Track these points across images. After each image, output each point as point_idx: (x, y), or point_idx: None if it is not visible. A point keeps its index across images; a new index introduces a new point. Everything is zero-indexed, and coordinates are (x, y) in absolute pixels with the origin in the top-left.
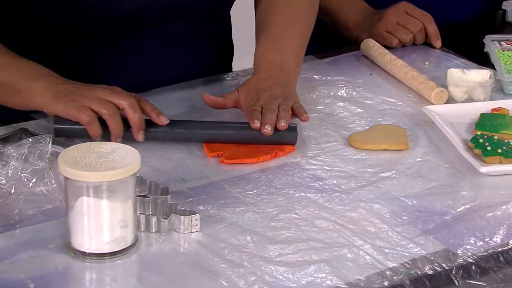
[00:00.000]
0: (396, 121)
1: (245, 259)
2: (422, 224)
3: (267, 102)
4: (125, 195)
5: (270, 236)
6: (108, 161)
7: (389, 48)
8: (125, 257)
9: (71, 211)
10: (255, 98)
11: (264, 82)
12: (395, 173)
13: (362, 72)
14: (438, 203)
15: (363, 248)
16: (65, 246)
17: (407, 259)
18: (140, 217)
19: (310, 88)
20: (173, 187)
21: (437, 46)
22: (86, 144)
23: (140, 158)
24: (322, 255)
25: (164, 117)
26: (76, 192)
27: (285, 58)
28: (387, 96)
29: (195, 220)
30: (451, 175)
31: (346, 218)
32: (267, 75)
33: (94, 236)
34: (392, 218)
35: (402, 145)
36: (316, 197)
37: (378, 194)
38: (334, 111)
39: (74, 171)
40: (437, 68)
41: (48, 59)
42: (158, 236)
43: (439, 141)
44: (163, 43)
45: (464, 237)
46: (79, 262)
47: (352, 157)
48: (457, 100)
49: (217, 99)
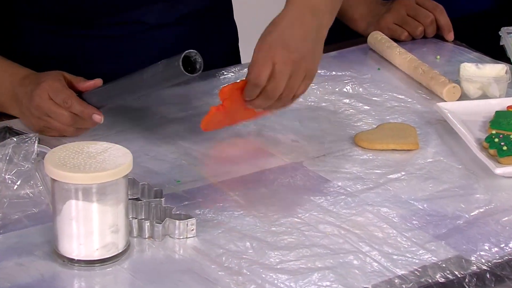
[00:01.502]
0: (405, 119)
1: (244, 266)
2: (433, 229)
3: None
4: (116, 198)
5: (271, 242)
6: (98, 161)
7: (398, 41)
8: (116, 264)
9: (58, 215)
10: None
11: (295, 31)
12: (404, 175)
13: (369, 66)
14: (451, 207)
15: (370, 255)
16: (52, 253)
17: (417, 266)
18: (133, 222)
19: (314, 84)
20: (168, 190)
21: (449, 39)
22: (74, 143)
23: (132, 159)
24: (327, 262)
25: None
26: (64, 195)
27: (319, 3)
28: (395, 92)
29: (191, 225)
30: (464, 176)
31: (352, 222)
32: (299, 18)
33: (83, 242)
34: (401, 222)
35: (411, 145)
36: (320, 200)
37: (386, 197)
38: (339, 109)
39: (62, 172)
40: (449, 62)
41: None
42: (152, 242)
43: (452, 141)
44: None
45: (478, 243)
46: (67, 269)
47: (358, 158)
48: (471, 97)
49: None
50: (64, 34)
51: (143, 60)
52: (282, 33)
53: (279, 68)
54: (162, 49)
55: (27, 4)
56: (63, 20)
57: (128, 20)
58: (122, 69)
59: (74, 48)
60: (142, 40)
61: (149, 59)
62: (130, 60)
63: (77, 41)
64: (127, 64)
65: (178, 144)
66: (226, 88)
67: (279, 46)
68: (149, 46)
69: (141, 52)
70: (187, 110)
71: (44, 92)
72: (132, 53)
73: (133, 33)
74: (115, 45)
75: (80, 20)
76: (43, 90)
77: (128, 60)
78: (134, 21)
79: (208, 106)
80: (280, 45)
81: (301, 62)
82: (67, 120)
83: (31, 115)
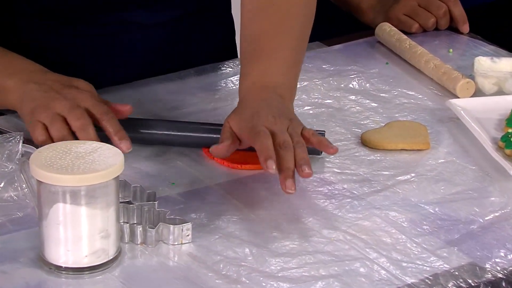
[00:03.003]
0: (415, 117)
1: (243, 274)
2: (445, 235)
3: (272, 124)
4: (106, 201)
5: (271, 248)
6: (87, 162)
7: (408, 33)
8: (107, 271)
9: (45, 219)
10: (256, 120)
11: (256, 105)
12: (414, 176)
13: (377, 61)
14: (464, 211)
15: (378, 262)
16: (38, 260)
17: (428, 274)
18: (124, 227)
19: (317, 79)
20: (161, 192)
21: (463, 31)
22: (62, 143)
23: (123, 159)
24: (331, 270)
25: (126, 144)
26: (51, 198)
27: (277, 79)
28: (405, 88)
29: (187, 230)
30: (479, 178)
31: (359, 227)
32: (258, 98)
33: (71, 248)
34: (410, 227)
35: (422, 145)
36: (324, 204)
37: (395, 200)
38: (344, 106)
39: (48, 174)
40: (463, 56)
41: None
42: (144, 248)
43: (465, 140)
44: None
45: (493, 249)
46: (54, 277)
47: (365, 158)
48: (486, 93)
49: (226, 145)
50: (59, 32)
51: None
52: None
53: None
54: (156, 46)
55: (24, 2)
56: (58, 17)
57: (124, 18)
58: (116, 67)
59: (67, 46)
60: (136, 38)
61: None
62: (126, 58)
63: (71, 39)
64: (123, 62)
65: None
66: None
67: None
68: (143, 43)
69: (135, 49)
70: (182, 107)
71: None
72: (128, 51)
73: (129, 31)
74: (110, 43)
75: (74, 18)
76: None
77: (124, 58)
78: (130, 19)
79: (204, 103)
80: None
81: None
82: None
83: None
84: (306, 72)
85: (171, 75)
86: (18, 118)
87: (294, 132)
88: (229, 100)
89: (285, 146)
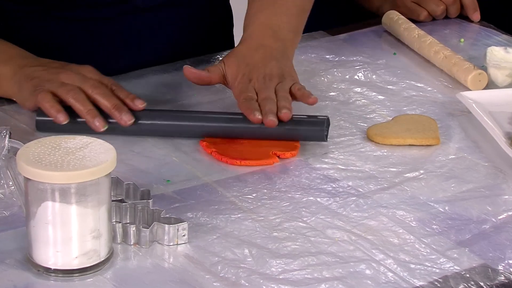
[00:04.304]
0: (424, 111)
1: (242, 276)
2: (455, 235)
3: (262, 86)
4: (98, 199)
5: (272, 249)
6: (78, 158)
7: (416, 22)
8: (98, 274)
9: (32, 219)
10: (246, 78)
11: (256, 53)
12: (423, 173)
13: (384, 51)
14: (475, 210)
15: (385, 264)
16: (26, 261)
17: (437, 276)
18: (116, 226)
19: (321, 70)
20: (156, 190)
21: (474, 19)
22: (50, 138)
23: (115, 155)
24: (335, 272)
25: (139, 100)
26: (39, 196)
27: (280, 21)
28: (413, 80)
29: (182, 230)
30: (491, 175)
31: (364, 227)
32: (259, 43)
33: (60, 249)
34: (419, 227)
35: (431, 140)
36: (327, 202)
37: (402, 199)
38: (349, 99)
39: (37, 170)
40: (474, 46)
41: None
42: (138, 249)
43: (477, 135)
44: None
45: (506, 250)
46: (42, 280)
47: (371, 154)
48: (499, 85)
49: (201, 74)
50: (51, 17)
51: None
52: (245, 58)
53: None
54: (152, 32)
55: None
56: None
57: (116, 1)
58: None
59: (60, 31)
60: (130, 22)
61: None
62: (118, 44)
63: (63, 24)
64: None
65: (168, 139)
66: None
67: (243, 65)
68: (138, 29)
69: (129, 35)
70: (177, 99)
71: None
72: (120, 36)
73: (121, 14)
74: (102, 27)
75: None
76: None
77: (115, 44)
78: (122, 2)
79: (201, 95)
80: (245, 64)
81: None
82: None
83: (39, 66)
84: (309, 62)
85: (166, 66)
86: (4, 112)
87: (282, 89)
88: (226, 92)
89: (265, 98)
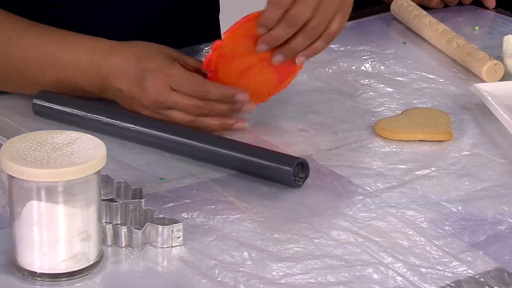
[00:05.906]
0: (436, 104)
1: (241, 280)
2: (469, 236)
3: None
4: (86, 199)
5: (273, 252)
6: (65, 155)
7: (427, 9)
8: (87, 278)
9: (17, 219)
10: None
11: None
12: (434, 171)
13: (393, 40)
14: (490, 210)
15: (393, 267)
16: (10, 265)
17: (450, 280)
18: (106, 227)
19: (326, 61)
20: (149, 189)
21: (489, 6)
22: (36, 133)
23: (105, 152)
24: (341, 276)
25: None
26: (24, 195)
27: None
28: (424, 71)
29: (177, 231)
30: (507, 173)
31: (372, 228)
32: None
33: (46, 252)
34: (430, 228)
35: (444, 135)
36: (332, 202)
37: (412, 198)
38: (356, 91)
39: (21, 168)
40: (490, 34)
41: None
42: (129, 252)
43: (492, 129)
44: None
45: None
46: (27, 284)
47: (379, 150)
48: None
49: None
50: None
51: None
52: None
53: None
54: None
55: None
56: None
57: None
58: None
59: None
60: (108, 9)
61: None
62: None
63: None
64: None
65: None
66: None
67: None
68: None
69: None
70: None
71: (162, 83)
72: (101, 24)
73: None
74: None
75: None
76: (161, 80)
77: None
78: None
79: None
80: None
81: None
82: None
83: (141, 107)
84: None
85: None
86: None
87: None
88: None
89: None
